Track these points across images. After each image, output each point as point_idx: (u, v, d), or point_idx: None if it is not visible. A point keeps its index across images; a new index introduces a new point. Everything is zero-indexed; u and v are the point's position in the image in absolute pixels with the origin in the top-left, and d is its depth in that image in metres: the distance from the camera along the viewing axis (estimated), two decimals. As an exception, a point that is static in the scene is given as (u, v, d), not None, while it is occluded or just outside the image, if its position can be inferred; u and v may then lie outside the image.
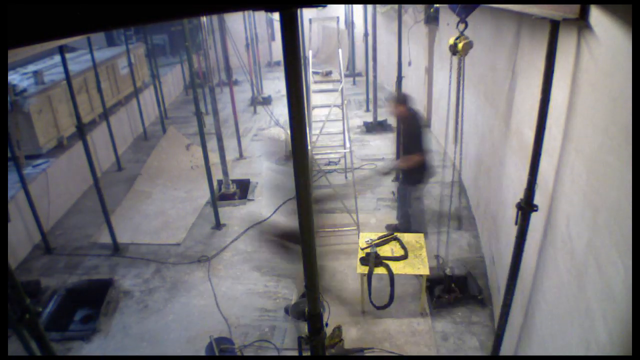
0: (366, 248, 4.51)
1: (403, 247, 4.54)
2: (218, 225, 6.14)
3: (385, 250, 4.51)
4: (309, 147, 5.26)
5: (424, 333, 4.24)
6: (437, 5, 6.33)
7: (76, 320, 4.87)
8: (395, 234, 4.77)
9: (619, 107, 1.85)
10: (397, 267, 4.29)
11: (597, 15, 2.07)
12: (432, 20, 8.00)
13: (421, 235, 4.78)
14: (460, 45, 3.50)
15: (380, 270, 4.25)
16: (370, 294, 4.22)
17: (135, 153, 8.93)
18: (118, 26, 1.19)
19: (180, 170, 7.90)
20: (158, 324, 4.55)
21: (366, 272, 4.24)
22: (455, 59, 3.73)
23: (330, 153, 7.61)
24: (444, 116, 5.93)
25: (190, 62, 5.62)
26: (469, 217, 5.92)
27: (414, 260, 4.38)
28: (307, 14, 11.96)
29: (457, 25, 3.53)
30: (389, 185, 6.87)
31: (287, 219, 4.44)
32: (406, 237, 4.71)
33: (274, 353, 4.15)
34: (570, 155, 2.46)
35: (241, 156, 8.36)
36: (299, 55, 1.43)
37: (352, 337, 4.23)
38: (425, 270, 4.29)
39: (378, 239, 4.67)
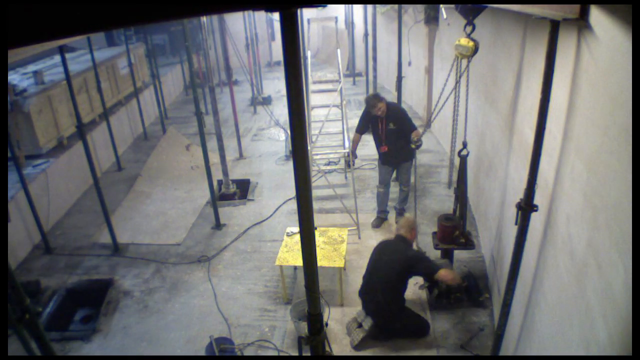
0: (291, 235, 4.94)
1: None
2: (218, 225, 6.14)
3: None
4: (309, 147, 5.27)
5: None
6: (443, 5, 6.30)
7: (76, 320, 4.88)
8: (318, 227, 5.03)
9: (619, 107, 1.85)
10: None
11: (597, 15, 2.07)
12: (432, 20, 8.00)
13: (345, 229, 5.07)
14: (466, 44, 3.46)
15: (298, 263, 4.41)
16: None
17: (135, 153, 8.93)
18: (118, 26, 1.19)
19: (180, 170, 7.89)
20: (158, 324, 4.55)
21: (284, 263, 4.61)
22: (458, 60, 3.71)
23: (330, 153, 7.61)
24: (444, 116, 5.93)
25: (190, 62, 5.62)
26: (470, 217, 5.90)
27: (332, 254, 4.61)
28: (307, 14, 11.95)
29: (465, 27, 3.50)
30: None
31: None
32: (330, 232, 4.94)
33: (274, 353, 4.16)
34: (570, 155, 2.46)
35: (241, 156, 8.36)
36: (299, 55, 1.43)
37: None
38: (340, 263, 4.49)
39: (298, 231, 4.90)
